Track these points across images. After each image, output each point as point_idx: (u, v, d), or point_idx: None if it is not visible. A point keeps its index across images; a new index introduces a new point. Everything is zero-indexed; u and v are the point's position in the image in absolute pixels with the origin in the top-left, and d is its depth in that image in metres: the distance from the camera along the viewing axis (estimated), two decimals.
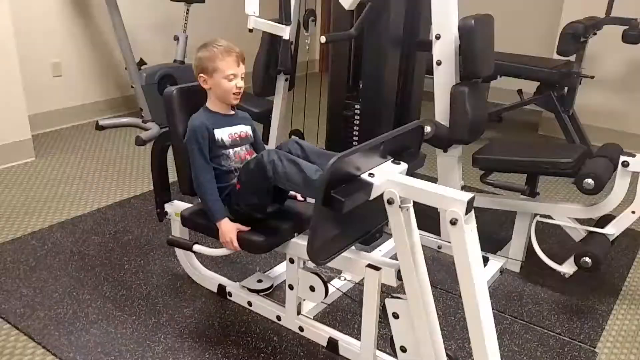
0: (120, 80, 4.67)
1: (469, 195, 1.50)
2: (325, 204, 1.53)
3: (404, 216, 1.58)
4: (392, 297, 1.73)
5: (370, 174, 1.61)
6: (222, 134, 2.01)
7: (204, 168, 1.97)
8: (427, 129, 2.40)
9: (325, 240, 1.67)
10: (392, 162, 1.71)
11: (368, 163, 1.64)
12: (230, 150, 2.02)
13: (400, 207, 1.57)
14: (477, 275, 1.54)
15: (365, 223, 1.86)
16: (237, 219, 1.98)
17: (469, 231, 1.51)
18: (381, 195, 1.60)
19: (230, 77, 1.99)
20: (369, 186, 1.59)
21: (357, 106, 2.66)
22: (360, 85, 2.63)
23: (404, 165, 1.70)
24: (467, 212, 1.49)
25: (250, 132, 2.12)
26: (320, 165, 1.87)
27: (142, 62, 4.31)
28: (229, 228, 1.95)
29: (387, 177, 1.61)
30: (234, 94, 2.02)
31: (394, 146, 1.74)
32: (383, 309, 1.76)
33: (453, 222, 1.49)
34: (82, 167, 3.62)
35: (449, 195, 1.50)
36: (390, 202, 1.58)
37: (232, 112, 2.10)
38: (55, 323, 2.12)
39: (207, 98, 2.07)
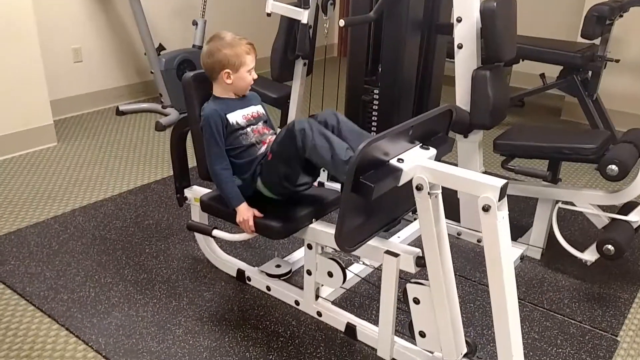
0: (140, 65, 4.69)
1: (503, 181, 1.46)
2: (354, 190, 1.51)
3: (432, 203, 1.56)
4: (414, 282, 1.72)
5: (399, 160, 1.58)
6: (236, 116, 2.01)
7: (219, 156, 1.98)
8: None
9: (354, 227, 1.66)
10: (421, 147, 1.68)
11: (397, 148, 1.60)
12: (248, 129, 2.03)
13: (429, 193, 1.54)
14: (507, 262, 1.51)
15: (393, 210, 1.84)
16: (266, 193, 1.99)
17: (501, 218, 1.48)
18: (409, 182, 1.57)
19: (251, 70, 2.04)
20: (398, 172, 1.55)
21: (376, 91, 2.63)
22: (380, 70, 2.61)
23: (432, 151, 1.67)
24: (501, 198, 1.46)
25: (262, 111, 2.13)
26: (351, 143, 1.85)
27: (161, 48, 4.32)
28: (246, 208, 1.96)
29: (416, 162, 1.57)
30: (250, 85, 2.07)
31: (423, 131, 1.70)
32: (404, 294, 1.75)
33: (486, 209, 1.46)
34: (103, 152, 3.66)
35: (482, 181, 1.47)
36: (419, 188, 1.55)
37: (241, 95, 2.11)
38: (78, 305, 2.16)
39: (214, 90, 2.07)
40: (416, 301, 1.72)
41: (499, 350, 1.58)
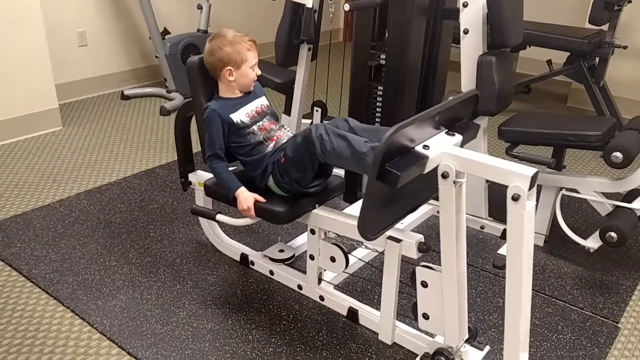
0: (145, 50, 4.68)
1: (533, 170, 1.42)
2: (379, 177, 1.46)
3: (456, 192, 1.52)
4: (424, 265, 1.71)
5: (425, 146, 1.53)
6: (240, 115, 2.02)
7: (214, 153, 2.00)
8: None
9: (376, 215, 1.63)
10: (446, 133, 1.63)
11: (422, 134, 1.55)
12: (254, 127, 2.03)
13: (454, 182, 1.50)
14: (528, 252, 1.49)
15: (415, 197, 1.79)
16: (277, 191, 2.00)
17: (530, 208, 1.44)
18: (434, 169, 1.53)
19: (254, 66, 2.04)
20: (423, 159, 1.50)
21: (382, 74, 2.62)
22: (385, 55, 2.59)
23: (458, 137, 1.62)
24: (531, 187, 1.42)
25: (265, 102, 2.13)
26: (367, 138, 1.84)
27: (165, 32, 4.31)
28: (246, 196, 1.97)
29: (442, 149, 1.52)
30: (254, 81, 2.08)
31: (448, 117, 1.64)
32: (412, 275, 1.75)
33: (515, 198, 1.42)
34: (108, 137, 3.67)
35: (513, 170, 1.42)
36: (444, 175, 1.50)
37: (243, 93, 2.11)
38: (83, 288, 2.19)
39: (218, 88, 2.08)
40: (424, 284, 1.71)
41: (506, 338, 1.58)
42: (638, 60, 4.15)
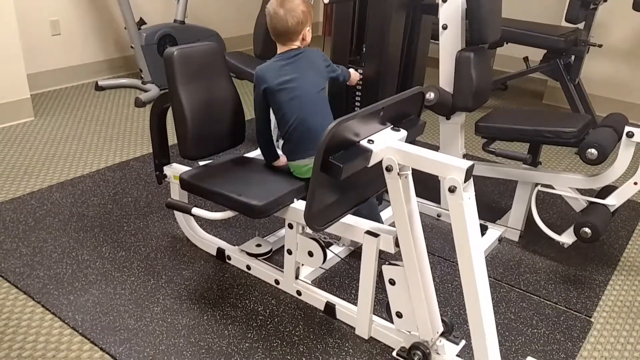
0: (120, 40, 4.59)
1: (468, 162, 1.50)
2: (323, 169, 1.53)
3: (402, 183, 1.58)
4: (389, 263, 1.74)
5: (370, 141, 1.61)
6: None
7: (262, 118, 2.09)
8: (431, 95, 2.37)
9: (323, 206, 1.67)
10: (392, 129, 1.70)
11: (367, 129, 1.62)
12: None
13: (398, 174, 1.57)
14: (474, 242, 1.55)
15: (365, 190, 1.86)
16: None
17: (467, 199, 1.52)
18: (380, 162, 1.59)
19: None
20: (367, 152, 1.58)
21: (360, 71, 2.61)
22: (364, 49, 2.58)
23: (403, 132, 1.70)
24: (466, 179, 1.49)
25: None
26: None
27: (141, 22, 4.23)
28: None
29: (386, 143, 1.60)
30: None
31: (394, 113, 1.73)
32: (380, 275, 1.77)
33: (452, 190, 1.50)
34: (82, 128, 3.60)
35: (448, 163, 1.50)
36: (388, 169, 1.58)
37: None
38: (54, 282, 2.14)
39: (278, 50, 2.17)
40: (392, 282, 1.74)
41: (472, 329, 1.61)
42: (612, 59, 4.22)
